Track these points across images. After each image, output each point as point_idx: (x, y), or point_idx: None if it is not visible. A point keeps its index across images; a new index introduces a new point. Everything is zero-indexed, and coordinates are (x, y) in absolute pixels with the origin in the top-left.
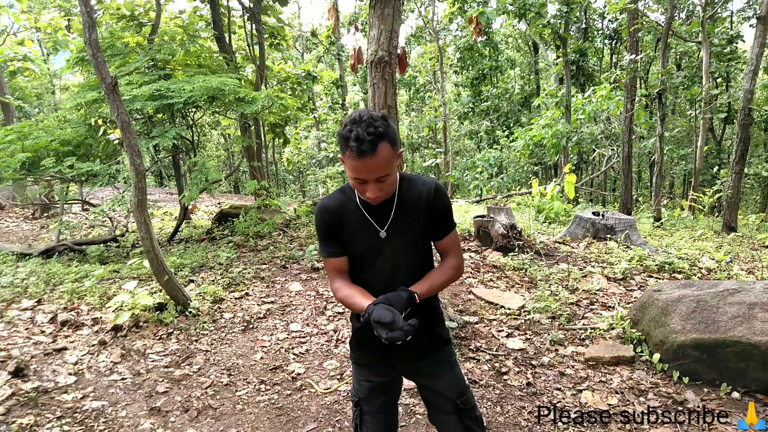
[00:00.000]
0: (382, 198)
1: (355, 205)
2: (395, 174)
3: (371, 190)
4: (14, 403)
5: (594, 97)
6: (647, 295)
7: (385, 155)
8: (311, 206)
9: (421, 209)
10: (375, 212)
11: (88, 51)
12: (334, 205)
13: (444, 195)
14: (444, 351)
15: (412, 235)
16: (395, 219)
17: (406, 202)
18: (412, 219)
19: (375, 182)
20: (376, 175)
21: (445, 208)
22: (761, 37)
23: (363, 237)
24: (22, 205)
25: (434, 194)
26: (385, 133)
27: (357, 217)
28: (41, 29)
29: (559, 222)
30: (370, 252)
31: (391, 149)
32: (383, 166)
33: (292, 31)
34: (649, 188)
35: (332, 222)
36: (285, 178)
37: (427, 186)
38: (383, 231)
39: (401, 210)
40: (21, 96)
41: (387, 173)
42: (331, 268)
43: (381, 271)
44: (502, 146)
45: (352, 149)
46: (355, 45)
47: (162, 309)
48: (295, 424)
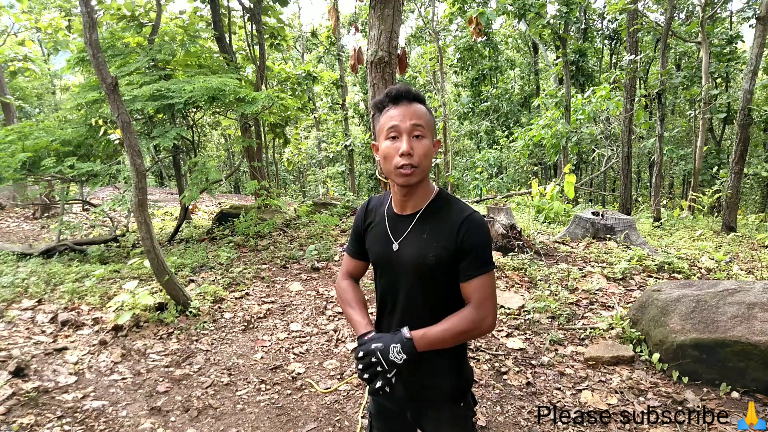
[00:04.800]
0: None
1: (386, 209)
2: (431, 145)
3: (405, 143)
4: (15, 403)
5: (593, 97)
6: (647, 295)
7: (421, 109)
8: (311, 206)
9: (445, 236)
10: (396, 222)
11: (88, 51)
12: (375, 203)
13: (477, 230)
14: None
15: (425, 260)
16: (412, 234)
17: (430, 220)
18: (430, 242)
19: (408, 135)
20: (412, 120)
21: (474, 245)
22: (761, 38)
23: (379, 244)
24: (22, 205)
25: (463, 224)
26: (424, 99)
27: (381, 222)
28: (42, 29)
29: (559, 222)
30: (381, 262)
31: (428, 113)
32: (419, 116)
33: (293, 31)
34: (649, 188)
35: (363, 219)
36: (285, 179)
37: (461, 214)
38: (396, 243)
39: (421, 226)
40: (21, 96)
41: (422, 129)
42: (345, 264)
43: (389, 287)
44: (502, 146)
45: (390, 95)
46: (355, 45)
47: (162, 309)
48: (295, 423)
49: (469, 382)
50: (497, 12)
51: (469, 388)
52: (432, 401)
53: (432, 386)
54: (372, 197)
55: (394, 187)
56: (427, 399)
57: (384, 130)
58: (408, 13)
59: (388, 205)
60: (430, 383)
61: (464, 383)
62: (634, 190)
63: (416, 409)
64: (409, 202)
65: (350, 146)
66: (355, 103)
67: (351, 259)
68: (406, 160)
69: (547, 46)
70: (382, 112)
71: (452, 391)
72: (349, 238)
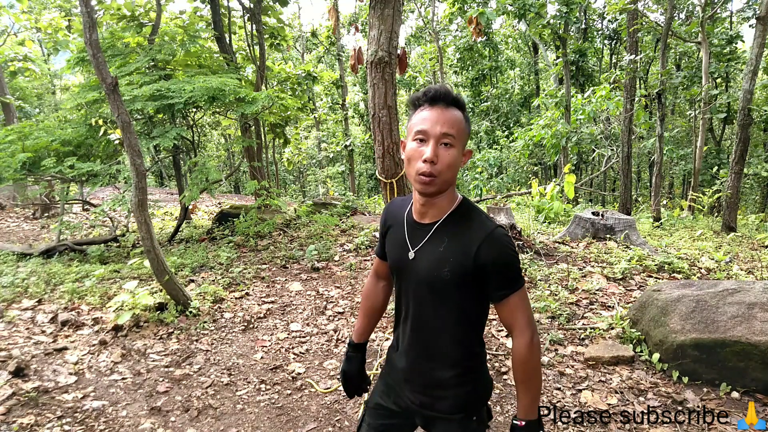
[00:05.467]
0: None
1: (405, 213)
2: (459, 156)
3: (430, 150)
4: (15, 403)
5: (593, 97)
6: (647, 295)
7: (457, 116)
8: (311, 206)
9: (463, 252)
10: (415, 230)
11: (88, 51)
12: (397, 205)
13: (501, 247)
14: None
15: (440, 274)
16: (429, 244)
17: (449, 232)
18: (447, 256)
19: (436, 142)
20: (442, 129)
21: (499, 263)
22: (761, 38)
23: (395, 250)
24: (22, 205)
25: (485, 242)
26: (464, 105)
27: (400, 228)
28: (42, 29)
29: (559, 222)
30: (397, 268)
31: (464, 121)
32: (451, 124)
33: (293, 31)
34: (649, 188)
35: (385, 221)
36: (285, 178)
37: (483, 230)
38: (412, 252)
39: (440, 237)
40: (21, 96)
41: (452, 137)
42: (374, 264)
43: (402, 293)
44: (502, 146)
45: (428, 94)
46: (355, 45)
47: (162, 309)
48: (295, 423)
49: (485, 395)
50: (497, 12)
51: (484, 402)
52: (442, 413)
53: (443, 398)
54: (395, 199)
55: (415, 193)
56: (437, 411)
57: (413, 130)
58: (408, 13)
59: (409, 210)
60: (443, 395)
61: (478, 396)
62: (634, 190)
63: (426, 417)
64: (429, 211)
65: (350, 146)
66: (355, 103)
67: (377, 258)
68: (428, 167)
69: (547, 46)
70: (416, 110)
71: (464, 404)
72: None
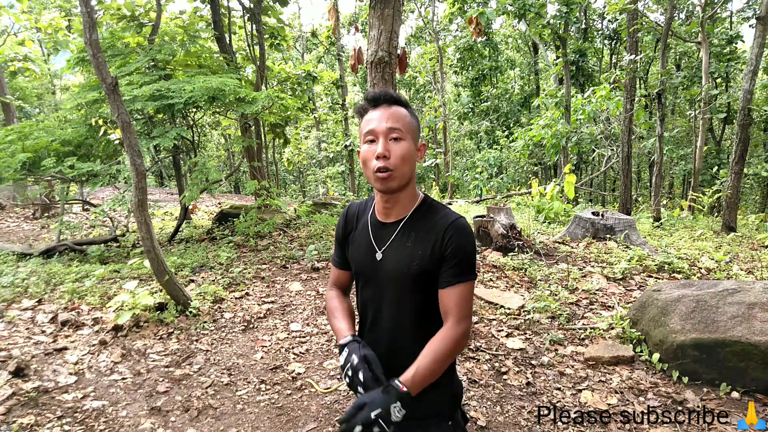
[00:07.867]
0: (390, 170)
1: (368, 216)
2: (411, 149)
3: (380, 145)
4: (15, 403)
5: (593, 97)
6: (647, 295)
7: (401, 112)
8: (311, 206)
9: (429, 244)
10: (380, 230)
11: (88, 51)
12: (354, 210)
13: (461, 234)
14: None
15: (409, 270)
16: (396, 242)
17: (414, 228)
18: (415, 251)
19: (385, 138)
20: (388, 123)
21: (457, 250)
22: (761, 38)
23: (361, 253)
24: (22, 205)
25: (448, 229)
26: (405, 102)
27: (364, 230)
28: (42, 29)
29: (559, 222)
30: (364, 271)
31: (409, 116)
32: (396, 118)
33: (293, 31)
34: (649, 188)
35: (344, 227)
36: (285, 178)
37: (446, 219)
38: (380, 252)
39: (406, 234)
40: (21, 96)
41: (399, 131)
42: (332, 275)
43: (371, 298)
44: (502, 146)
45: (368, 97)
46: (355, 45)
47: (162, 309)
48: (295, 423)
49: (458, 398)
50: (497, 12)
51: (458, 405)
52: (417, 419)
53: (416, 401)
54: (352, 203)
55: (377, 193)
56: (412, 417)
57: (362, 134)
58: (408, 13)
59: (372, 212)
60: (415, 399)
61: (452, 400)
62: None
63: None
64: (392, 210)
65: (350, 146)
66: (355, 103)
67: (336, 269)
68: (382, 162)
69: (547, 46)
70: (362, 115)
71: (438, 408)
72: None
